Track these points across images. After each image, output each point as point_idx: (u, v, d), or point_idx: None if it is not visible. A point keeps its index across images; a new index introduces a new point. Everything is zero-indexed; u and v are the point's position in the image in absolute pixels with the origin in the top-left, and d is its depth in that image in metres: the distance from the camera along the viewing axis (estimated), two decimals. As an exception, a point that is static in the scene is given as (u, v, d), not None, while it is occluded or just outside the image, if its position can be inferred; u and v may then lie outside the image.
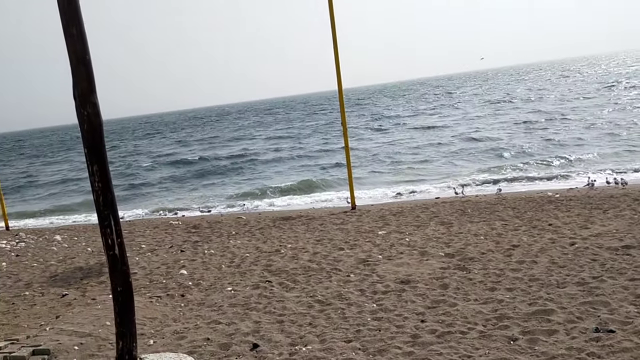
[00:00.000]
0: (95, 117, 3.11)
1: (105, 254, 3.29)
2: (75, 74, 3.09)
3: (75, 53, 3.06)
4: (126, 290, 3.31)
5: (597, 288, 4.95)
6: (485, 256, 6.41)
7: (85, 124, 3.10)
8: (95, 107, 3.12)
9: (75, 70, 3.08)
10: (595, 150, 16.69)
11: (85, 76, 3.08)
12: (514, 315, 4.54)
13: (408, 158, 20.27)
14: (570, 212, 8.40)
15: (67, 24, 3.04)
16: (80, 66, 3.07)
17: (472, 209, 9.39)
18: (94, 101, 3.12)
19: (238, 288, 6.18)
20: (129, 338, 3.31)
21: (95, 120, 3.11)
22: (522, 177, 14.09)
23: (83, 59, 3.08)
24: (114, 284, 3.29)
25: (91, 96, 3.10)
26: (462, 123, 29.62)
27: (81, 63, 3.07)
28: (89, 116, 3.09)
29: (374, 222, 9.20)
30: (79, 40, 3.06)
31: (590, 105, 29.33)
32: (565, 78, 63.41)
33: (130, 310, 3.33)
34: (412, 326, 4.56)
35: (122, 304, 3.30)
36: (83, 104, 3.09)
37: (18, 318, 5.83)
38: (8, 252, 9.88)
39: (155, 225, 11.25)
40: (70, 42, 3.05)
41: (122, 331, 3.30)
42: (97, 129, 3.13)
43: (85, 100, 3.09)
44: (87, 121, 3.10)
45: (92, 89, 3.11)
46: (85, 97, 3.09)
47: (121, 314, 3.30)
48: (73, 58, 3.06)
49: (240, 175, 21.32)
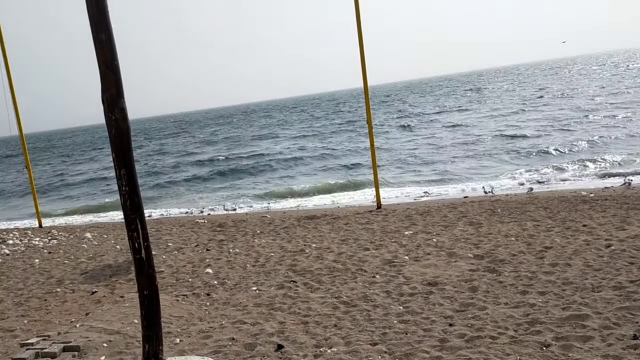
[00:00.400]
0: (123, 121, 3.14)
1: (132, 257, 3.30)
2: (104, 80, 3.11)
3: (104, 59, 3.09)
4: (152, 294, 3.32)
5: (635, 292, 4.73)
6: (516, 258, 6.23)
7: (113, 129, 3.13)
8: (123, 112, 3.14)
9: (103, 76, 3.10)
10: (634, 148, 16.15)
11: (114, 82, 3.11)
12: (547, 320, 4.38)
13: (436, 156, 20.00)
14: (606, 212, 8.09)
15: (97, 30, 3.07)
16: (108, 72, 3.09)
17: (502, 209, 9.16)
18: (122, 106, 3.14)
19: (263, 288, 6.17)
20: (155, 341, 3.31)
21: (123, 125, 3.14)
22: (554, 175, 13.72)
23: (112, 64, 3.10)
24: (141, 287, 3.30)
25: (119, 101, 3.13)
26: (494, 120, 29.11)
27: (110, 69, 3.10)
28: (116, 121, 3.12)
29: (400, 221, 9.08)
30: (108, 46, 3.08)
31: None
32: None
33: (157, 314, 3.34)
34: (440, 330, 4.44)
35: (148, 307, 3.30)
36: (111, 109, 3.11)
37: (50, 314, 5.96)
38: (41, 249, 10.13)
39: (181, 224, 11.36)
40: (100, 48, 3.08)
41: (149, 334, 3.31)
42: (124, 134, 3.15)
43: (114, 105, 3.11)
44: (115, 126, 3.12)
45: (120, 94, 3.14)
46: (113, 102, 3.11)
47: (147, 317, 3.31)
48: (102, 64, 3.09)
49: (265, 174, 21.41)
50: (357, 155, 23.00)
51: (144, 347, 3.34)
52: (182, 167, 26.79)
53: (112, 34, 3.11)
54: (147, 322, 3.33)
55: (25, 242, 10.82)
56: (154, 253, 8.56)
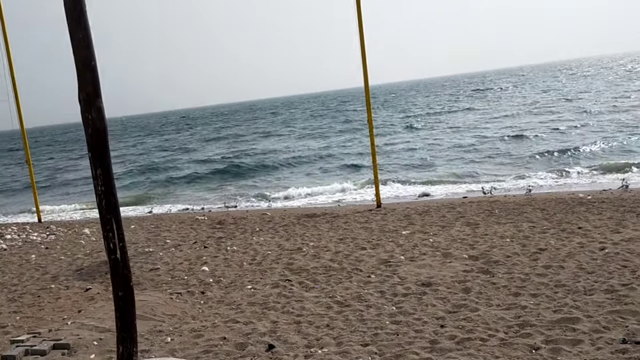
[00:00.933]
0: (100, 121, 3.11)
1: (107, 257, 3.30)
2: (81, 79, 3.09)
3: (81, 58, 3.07)
4: (127, 295, 3.30)
5: (626, 296, 4.74)
6: (511, 259, 6.23)
7: (90, 128, 3.11)
8: (100, 112, 3.12)
9: (80, 75, 3.09)
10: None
11: (91, 81, 3.09)
12: (538, 323, 4.39)
13: (438, 157, 20.01)
14: (602, 215, 8.08)
15: (74, 29, 3.05)
16: (86, 71, 3.08)
17: (500, 210, 9.17)
18: (99, 105, 3.12)
19: (258, 286, 6.19)
20: (130, 342, 3.30)
21: (100, 125, 3.12)
22: (551, 177, 13.73)
23: (89, 64, 3.09)
24: (115, 289, 3.28)
25: (96, 100, 3.11)
26: (498, 121, 29.08)
27: (87, 68, 3.08)
28: (93, 120, 3.10)
29: (398, 221, 9.09)
30: (85, 45, 3.06)
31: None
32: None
33: (131, 315, 3.32)
34: (432, 331, 4.46)
35: (123, 308, 3.28)
36: (88, 108, 3.10)
37: (42, 311, 5.98)
38: (38, 244, 10.18)
39: (181, 220, 11.40)
40: (77, 47, 3.06)
41: (123, 336, 3.28)
42: (101, 133, 3.13)
43: (90, 105, 3.10)
44: (92, 125, 3.10)
45: (97, 94, 3.12)
46: (90, 102, 3.09)
47: (122, 318, 3.28)
48: (79, 63, 3.07)
49: (267, 172, 21.43)
50: (358, 155, 23.02)
51: (118, 349, 3.32)
52: (184, 163, 26.84)
53: (89, 32, 3.08)
54: (121, 323, 3.29)
55: (23, 237, 10.88)
56: (152, 250, 8.64)
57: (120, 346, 3.32)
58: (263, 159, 25.10)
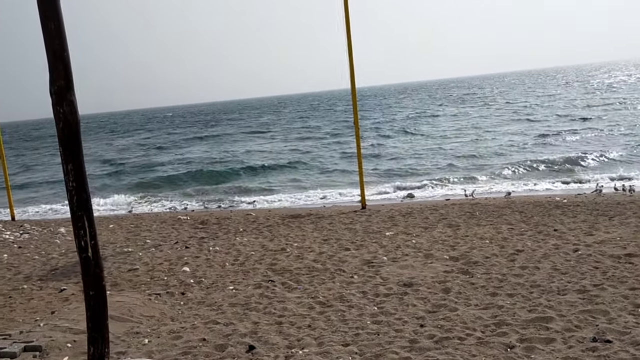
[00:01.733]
0: (72, 115, 3.02)
1: (78, 256, 3.21)
2: (53, 71, 2.99)
3: (53, 49, 2.96)
4: (99, 294, 3.22)
5: (597, 296, 4.89)
6: (489, 260, 6.37)
7: (61, 122, 3.01)
8: (72, 105, 3.03)
9: (52, 67, 2.98)
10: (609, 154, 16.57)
11: (63, 73, 2.99)
12: (513, 322, 4.50)
13: (424, 159, 20.22)
14: (576, 218, 8.31)
15: (45, 18, 2.95)
16: (57, 63, 2.97)
17: (481, 212, 9.33)
18: (71, 99, 3.03)
19: (240, 287, 6.19)
20: (101, 343, 3.18)
21: (72, 119, 3.02)
22: (531, 182, 14.02)
23: (61, 55, 2.99)
24: (87, 288, 3.18)
25: (68, 94, 3.02)
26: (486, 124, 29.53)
27: (59, 60, 2.98)
28: (65, 114, 3.00)
29: (382, 222, 9.18)
30: (57, 36, 2.96)
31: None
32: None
33: (103, 315, 3.23)
34: (411, 330, 4.53)
35: (94, 308, 3.20)
36: (59, 102, 2.99)
37: (14, 312, 5.82)
38: (11, 243, 9.92)
39: (162, 220, 11.30)
40: (48, 37, 2.95)
41: (94, 336, 3.21)
42: (73, 128, 3.03)
43: (62, 98, 3.00)
44: (64, 119, 3.01)
45: (69, 87, 3.02)
46: (62, 95, 3.00)
47: (93, 318, 3.21)
48: (50, 54, 2.96)
49: (254, 172, 21.34)
50: (344, 156, 23.14)
51: (89, 350, 3.24)
52: (170, 163, 26.57)
53: (62, 22, 2.98)
54: (92, 323, 3.22)
55: (-5, 236, 10.60)
56: (131, 250, 8.56)
57: (91, 347, 3.24)
58: (249, 158, 25.01)
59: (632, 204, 8.88)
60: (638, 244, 6.46)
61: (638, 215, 8.05)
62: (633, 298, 4.79)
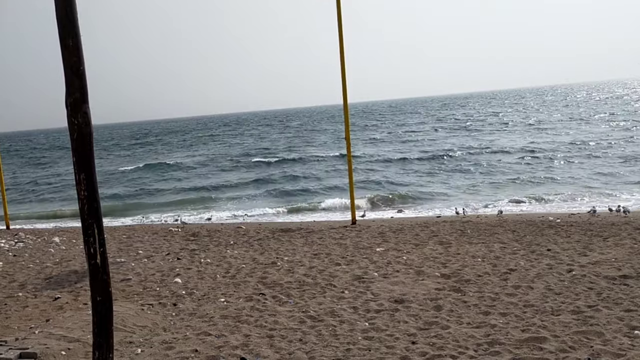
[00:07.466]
0: (86, 126, 3.13)
1: (87, 262, 3.28)
2: (69, 85, 3.11)
3: (71, 64, 3.09)
4: (106, 301, 3.27)
5: (591, 317, 4.89)
6: (482, 279, 6.36)
7: (76, 133, 3.12)
8: (86, 117, 3.14)
9: (69, 81, 3.11)
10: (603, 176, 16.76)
11: (79, 87, 3.11)
12: (506, 342, 4.48)
13: (414, 176, 20.30)
14: (570, 238, 8.32)
15: (65, 35, 3.07)
16: (74, 77, 3.10)
17: (472, 230, 9.34)
18: (85, 110, 3.14)
19: (231, 299, 6.15)
20: (106, 349, 3.27)
21: (85, 130, 3.13)
22: (525, 200, 14.11)
23: (77, 70, 3.11)
24: (94, 294, 3.25)
25: (83, 106, 3.13)
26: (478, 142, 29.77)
27: (75, 74, 3.10)
28: (79, 125, 3.11)
29: (372, 238, 9.17)
30: (75, 51, 3.09)
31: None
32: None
33: (109, 321, 3.29)
34: (403, 347, 4.50)
35: (101, 314, 3.26)
36: (74, 113, 3.11)
37: (9, 319, 5.81)
38: (6, 251, 9.90)
39: (154, 231, 11.25)
40: (66, 53, 3.08)
41: (99, 342, 3.25)
42: (86, 139, 3.14)
43: (77, 110, 3.11)
44: (78, 130, 3.12)
45: (84, 99, 3.14)
46: (77, 107, 3.11)
47: (99, 324, 3.26)
48: (68, 69, 3.09)
49: (246, 186, 21.30)
50: (336, 171, 23.16)
51: (94, 354, 3.28)
52: (164, 175, 26.49)
53: (79, 39, 3.11)
54: (98, 329, 3.27)
55: (-11, 245, 10.55)
56: (124, 260, 8.50)
57: (96, 352, 3.29)
58: (241, 173, 25.00)
59: (626, 225, 8.91)
60: (633, 265, 6.47)
61: (633, 236, 8.07)
62: (628, 320, 4.79)
